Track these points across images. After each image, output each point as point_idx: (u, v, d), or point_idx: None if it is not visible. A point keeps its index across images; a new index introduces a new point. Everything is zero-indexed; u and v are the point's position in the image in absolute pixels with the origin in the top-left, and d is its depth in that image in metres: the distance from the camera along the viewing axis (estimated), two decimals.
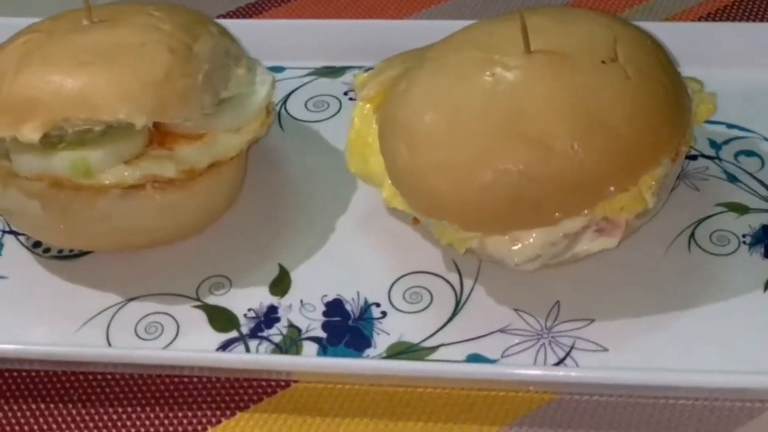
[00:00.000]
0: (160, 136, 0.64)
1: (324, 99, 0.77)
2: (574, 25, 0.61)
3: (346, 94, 0.77)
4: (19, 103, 0.61)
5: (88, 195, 0.62)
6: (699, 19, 0.82)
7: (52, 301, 0.65)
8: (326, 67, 0.79)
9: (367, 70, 0.76)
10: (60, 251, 0.68)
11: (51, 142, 0.61)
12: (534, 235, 0.59)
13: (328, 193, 0.70)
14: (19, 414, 0.60)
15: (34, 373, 0.62)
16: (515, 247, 0.60)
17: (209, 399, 0.60)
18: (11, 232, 0.69)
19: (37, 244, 0.68)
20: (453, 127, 0.58)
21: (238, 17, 0.86)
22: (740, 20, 0.81)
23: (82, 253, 0.67)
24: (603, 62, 0.59)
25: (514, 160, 0.57)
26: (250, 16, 0.86)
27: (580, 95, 0.58)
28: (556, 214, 0.58)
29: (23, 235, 0.69)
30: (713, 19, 0.81)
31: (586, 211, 0.59)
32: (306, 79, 0.78)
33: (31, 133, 0.60)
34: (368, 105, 0.66)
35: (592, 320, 0.61)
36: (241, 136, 0.65)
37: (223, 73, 0.65)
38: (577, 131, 0.57)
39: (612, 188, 0.58)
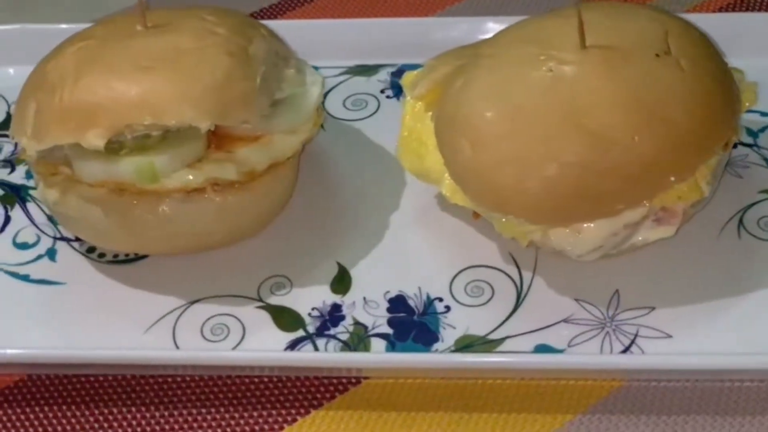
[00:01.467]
0: (216, 139, 0.64)
1: (361, 98, 0.77)
2: (625, 19, 0.63)
3: (382, 92, 0.78)
4: (82, 109, 0.61)
5: (149, 200, 0.63)
6: (720, 9, 0.83)
7: (113, 305, 0.65)
8: (359, 66, 0.79)
9: (401, 69, 0.78)
10: (115, 256, 0.68)
11: (112, 148, 0.62)
12: (596, 226, 0.61)
13: (378, 191, 0.70)
14: (92, 419, 0.61)
15: (102, 378, 0.63)
16: (577, 239, 0.61)
17: (282, 398, 0.61)
18: (63, 238, 0.69)
19: (91, 249, 0.68)
20: (515, 123, 0.60)
21: (260, 19, 0.87)
22: (760, 9, 0.83)
23: (138, 258, 0.68)
24: (657, 55, 0.61)
25: (577, 153, 0.59)
26: (273, 18, 0.87)
27: (638, 88, 0.59)
28: (619, 205, 0.60)
29: (76, 240, 0.69)
30: (735, 9, 0.83)
31: (645, 202, 0.60)
32: (341, 78, 0.79)
33: (96, 139, 0.60)
34: (419, 103, 0.67)
35: (653, 308, 0.62)
36: (297, 137, 0.66)
37: (276, 75, 0.66)
38: (637, 124, 0.59)
39: (672, 178, 0.60)
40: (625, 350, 0.61)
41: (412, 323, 0.63)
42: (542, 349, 0.61)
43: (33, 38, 0.81)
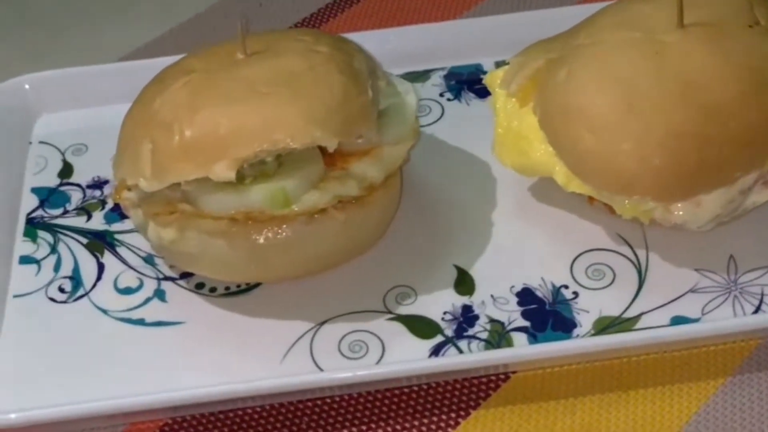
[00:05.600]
0: (328, 157, 0.64)
1: (424, 103, 0.78)
2: None
3: (441, 95, 0.79)
4: (206, 142, 0.60)
5: (274, 225, 0.62)
6: None
7: (240, 338, 0.65)
8: (409, 73, 0.80)
9: (451, 71, 0.79)
10: (227, 288, 0.67)
11: (237, 177, 0.61)
12: (714, 195, 0.63)
13: (471, 190, 0.71)
14: None
15: (250, 410, 0.62)
16: (698, 210, 0.63)
17: (438, 404, 0.61)
18: (167, 278, 0.68)
19: (200, 285, 0.67)
20: (632, 106, 0.61)
21: None
22: None
23: (250, 288, 0.67)
24: (750, 26, 0.63)
25: (696, 127, 0.61)
26: (318, 26, 0.87)
27: (742, 59, 0.62)
28: (737, 173, 0.62)
29: (182, 278, 0.68)
30: None
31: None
32: None
33: (225, 171, 0.60)
34: (512, 100, 0.68)
35: None
36: (403, 146, 0.66)
37: (374, 87, 0.66)
38: (746, 93, 0.61)
39: None
40: (757, 310, 0.63)
41: (546, 313, 0.64)
42: (679, 320, 0.63)
43: (75, 82, 0.80)
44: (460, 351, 0.63)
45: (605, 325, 0.63)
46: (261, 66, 0.62)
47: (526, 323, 0.64)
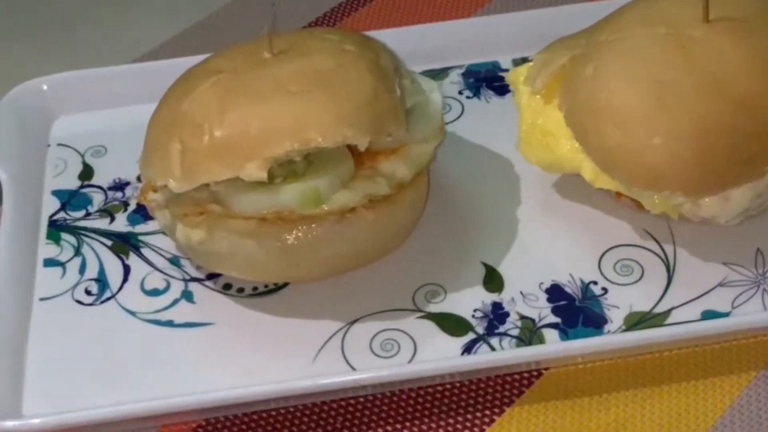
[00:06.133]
0: (357, 155, 0.64)
1: (444, 101, 0.78)
2: None
3: (461, 93, 0.79)
4: (237, 142, 0.60)
5: (304, 225, 0.62)
6: None
7: (271, 338, 0.64)
8: (427, 71, 0.80)
9: (468, 69, 0.79)
10: (255, 289, 0.67)
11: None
12: (743, 190, 0.63)
13: (495, 188, 0.71)
14: None
15: (284, 411, 0.62)
16: (726, 204, 0.63)
17: (472, 402, 0.61)
18: (194, 279, 0.68)
19: (227, 285, 0.67)
20: (661, 101, 0.61)
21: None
22: None
23: (278, 288, 0.67)
24: None
25: (725, 121, 0.61)
26: (332, 24, 0.88)
27: None
28: (766, 167, 0.62)
29: (209, 279, 0.68)
30: None
31: None
32: None
33: (257, 171, 0.59)
34: (536, 97, 0.68)
35: None
36: (430, 144, 0.66)
37: (401, 86, 0.66)
38: None
39: None
40: None
41: (576, 309, 0.64)
42: (709, 314, 0.63)
43: (93, 83, 0.80)
44: (492, 348, 0.63)
45: (636, 321, 0.63)
46: (289, 65, 0.62)
47: (557, 320, 0.64)
